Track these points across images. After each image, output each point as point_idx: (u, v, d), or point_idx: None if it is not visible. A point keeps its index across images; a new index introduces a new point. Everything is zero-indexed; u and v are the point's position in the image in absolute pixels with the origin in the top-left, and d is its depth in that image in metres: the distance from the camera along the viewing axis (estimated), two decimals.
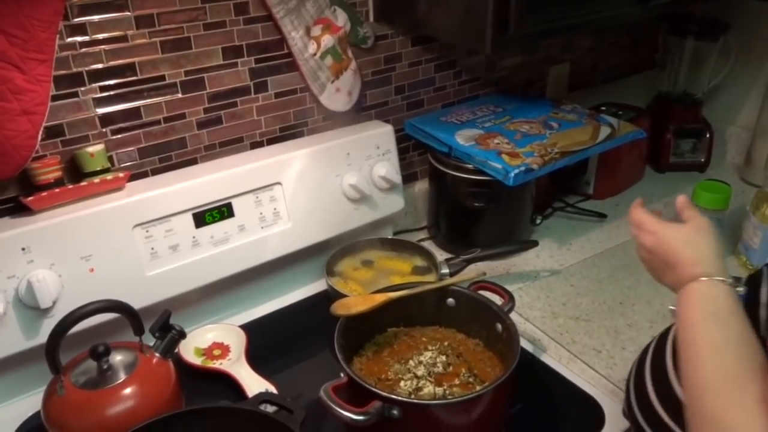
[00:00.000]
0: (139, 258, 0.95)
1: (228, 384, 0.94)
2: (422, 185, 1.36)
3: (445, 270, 1.12)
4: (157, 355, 0.86)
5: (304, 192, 1.10)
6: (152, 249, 0.97)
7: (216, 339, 1.02)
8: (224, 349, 1.00)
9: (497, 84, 1.43)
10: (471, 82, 1.38)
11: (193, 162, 1.08)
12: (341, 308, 0.89)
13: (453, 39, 1.20)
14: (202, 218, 1.00)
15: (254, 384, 0.93)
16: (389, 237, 1.27)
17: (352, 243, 1.17)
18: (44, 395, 0.83)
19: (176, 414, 0.78)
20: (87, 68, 0.93)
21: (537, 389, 0.95)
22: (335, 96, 1.17)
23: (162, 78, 1.00)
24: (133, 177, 1.01)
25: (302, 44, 1.09)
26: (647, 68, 1.71)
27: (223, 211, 1.02)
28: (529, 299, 1.13)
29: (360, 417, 0.73)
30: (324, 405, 0.74)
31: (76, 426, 0.80)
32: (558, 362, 1.00)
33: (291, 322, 1.10)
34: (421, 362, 0.90)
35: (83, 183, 0.94)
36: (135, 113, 0.99)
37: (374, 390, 0.77)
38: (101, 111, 0.96)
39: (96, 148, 0.95)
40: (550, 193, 1.43)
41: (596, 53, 1.60)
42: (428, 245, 1.23)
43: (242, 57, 1.05)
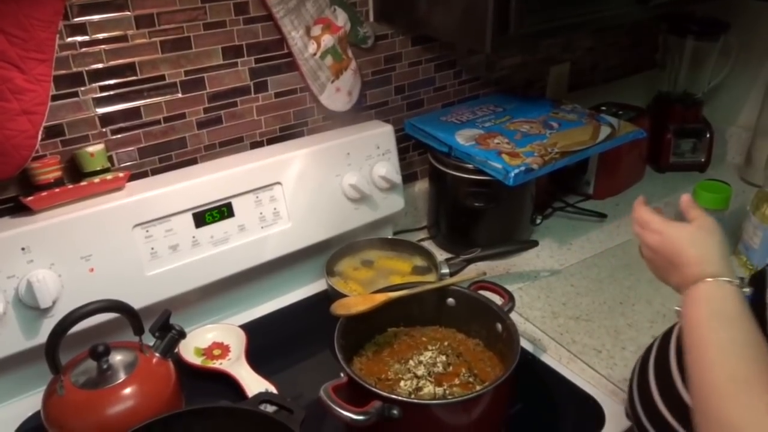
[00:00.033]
0: (139, 258, 0.95)
1: (228, 384, 0.94)
2: (422, 185, 1.36)
3: (445, 270, 1.12)
4: (157, 355, 0.86)
5: (304, 192, 1.10)
6: (152, 249, 0.97)
7: (216, 339, 1.02)
8: (224, 349, 1.00)
9: (497, 84, 1.43)
10: (471, 82, 1.38)
11: (193, 162, 1.08)
12: (341, 308, 0.89)
13: (453, 39, 1.20)
14: (202, 218, 1.00)
15: (254, 384, 0.93)
16: (389, 237, 1.27)
17: (352, 243, 1.17)
18: (44, 395, 0.82)
19: (176, 414, 0.78)
20: (87, 68, 0.93)
21: (537, 389, 0.95)
22: (335, 96, 1.17)
23: (162, 78, 1.00)
24: (133, 177, 1.01)
25: (302, 44, 1.09)
26: (647, 68, 1.71)
27: (223, 211, 1.02)
28: (529, 299, 1.13)
29: (360, 417, 0.73)
30: (324, 405, 0.74)
31: (76, 426, 0.80)
32: (558, 362, 1.00)
33: (291, 322, 1.10)
34: (421, 362, 0.90)
35: (83, 183, 0.94)
36: (135, 113, 0.99)
37: (374, 390, 0.77)
38: (101, 111, 0.96)
39: (96, 148, 0.95)
40: (550, 193, 1.43)
41: (596, 53, 1.60)
42: (428, 245, 1.23)
43: (242, 57, 1.05)
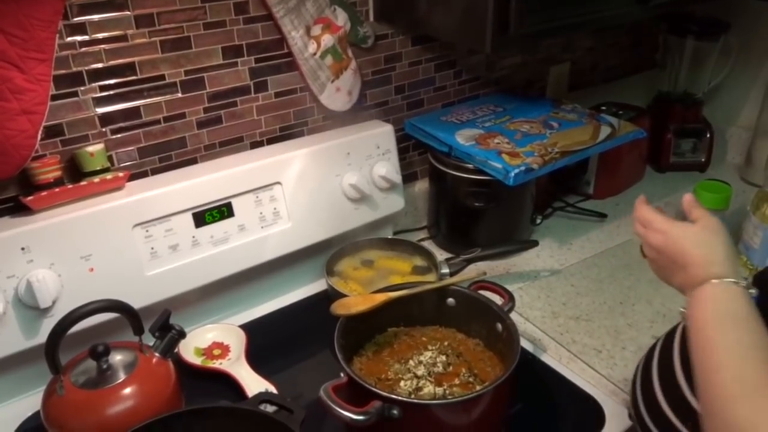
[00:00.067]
0: (139, 258, 0.95)
1: (228, 384, 0.94)
2: (422, 185, 1.36)
3: (445, 270, 1.12)
4: (157, 355, 0.86)
5: (304, 192, 1.10)
6: (152, 249, 0.97)
7: (216, 339, 1.02)
8: (224, 349, 1.00)
9: (497, 84, 1.43)
10: (471, 82, 1.38)
11: (193, 162, 1.08)
12: (341, 308, 0.89)
13: (453, 38, 1.19)
14: (202, 218, 1.00)
15: (254, 384, 0.92)
16: (389, 237, 1.27)
17: (352, 243, 1.16)
18: (44, 395, 0.82)
19: (176, 414, 0.77)
20: (87, 68, 0.93)
21: (537, 389, 0.95)
22: (335, 95, 1.17)
23: (162, 77, 0.99)
24: (133, 177, 1.01)
25: (302, 44, 1.09)
26: (647, 68, 1.71)
27: (223, 211, 1.02)
28: (530, 299, 1.13)
29: (360, 417, 0.73)
30: (324, 405, 0.74)
31: (76, 426, 0.80)
32: (558, 362, 0.99)
33: (291, 322, 1.10)
34: (421, 362, 0.90)
35: (83, 182, 0.94)
36: (135, 113, 0.99)
37: (374, 390, 0.77)
38: (101, 110, 0.96)
39: (96, 148, 0.95)
40: (551, 193, 1.43)
41: (596, 53, 1.60)
42: (428, 245, 1.23)
43: (242, 56, 1.05)
